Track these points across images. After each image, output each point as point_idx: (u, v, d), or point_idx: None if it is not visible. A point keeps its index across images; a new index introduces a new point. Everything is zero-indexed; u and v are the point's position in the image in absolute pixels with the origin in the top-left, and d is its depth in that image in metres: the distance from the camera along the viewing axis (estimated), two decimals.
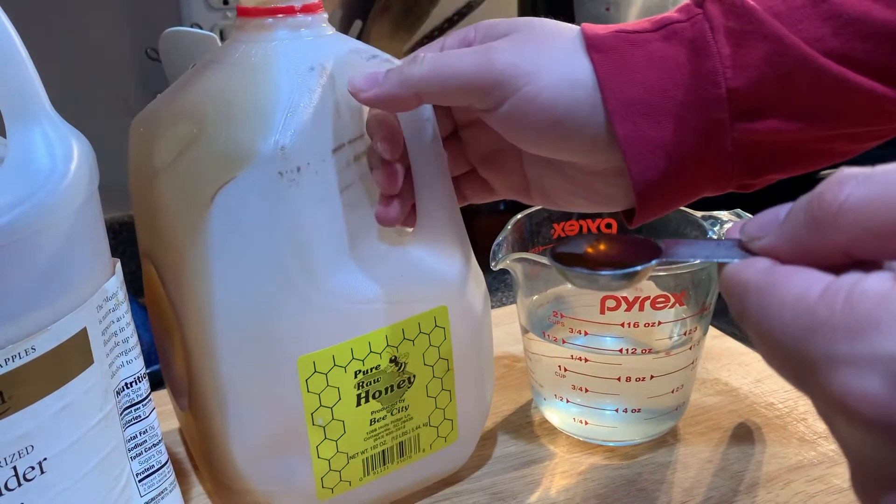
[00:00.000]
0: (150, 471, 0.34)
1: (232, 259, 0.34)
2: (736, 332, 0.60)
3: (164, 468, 0.35)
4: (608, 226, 0.51)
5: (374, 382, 0.38)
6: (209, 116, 0.35)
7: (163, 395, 0.48)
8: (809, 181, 0.23)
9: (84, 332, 0.30)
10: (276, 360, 0.36)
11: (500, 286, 0.73)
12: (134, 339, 0.33)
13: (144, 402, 0.34)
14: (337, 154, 0.36)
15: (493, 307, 0.62)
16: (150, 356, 0.51)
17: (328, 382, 0.37)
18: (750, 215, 0.47)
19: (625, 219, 0.37)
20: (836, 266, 0.20)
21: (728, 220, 0.46)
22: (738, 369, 0.54)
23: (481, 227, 0.68)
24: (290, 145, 0.33)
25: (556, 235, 0.51)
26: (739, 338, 0.58)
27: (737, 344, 0.58)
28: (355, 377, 0.37)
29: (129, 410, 0.33)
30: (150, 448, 0.34)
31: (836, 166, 0.22)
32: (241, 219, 0.34)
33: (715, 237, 0.46)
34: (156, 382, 0.49)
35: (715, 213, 0.47)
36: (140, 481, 0.34)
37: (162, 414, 0.49)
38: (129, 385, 0.33)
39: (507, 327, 0.60)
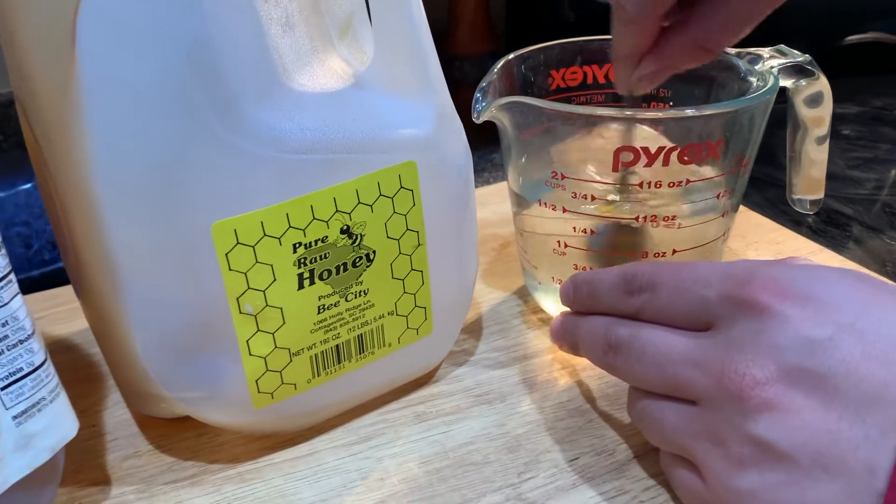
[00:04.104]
0: (18, 375, 0.25)
1: (111, 90, 0.25)
2: (763, 212, 0.51)
3: (40, 371, 0.26)
4: None
5: (321, 259, 0.29)
6: None
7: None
8: None
9: None
10: (181, 227, 0.26)
11: (486, 165, 0.64)
12: None
13: (0, 285, 0.25)
14: None
15: (478, 187, 0.53)
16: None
17: (257, 258, 0.28)
18: (796, 51, 0.38)
19: None
20: None
21: (769, 56, 0.37)
22: (767, 247, 0.46)
23: (467, 100, 0.58)
24: None
25: (554, 86, 0.41)
26: (769, 216, 0.50)
27: (766, 220, 0.49)
28: (294, 251, 0.29)
29: None
30: (14, 346, 0.25)
31: None
32: (120, 34, 0.24)
33: (753, 78, 0.36)
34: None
35: (753, 49, 0.38)
36: (3, 389, 0.25)
37: (75, 311, 0.41)
38: None
39: (495, 207, 0.52)
